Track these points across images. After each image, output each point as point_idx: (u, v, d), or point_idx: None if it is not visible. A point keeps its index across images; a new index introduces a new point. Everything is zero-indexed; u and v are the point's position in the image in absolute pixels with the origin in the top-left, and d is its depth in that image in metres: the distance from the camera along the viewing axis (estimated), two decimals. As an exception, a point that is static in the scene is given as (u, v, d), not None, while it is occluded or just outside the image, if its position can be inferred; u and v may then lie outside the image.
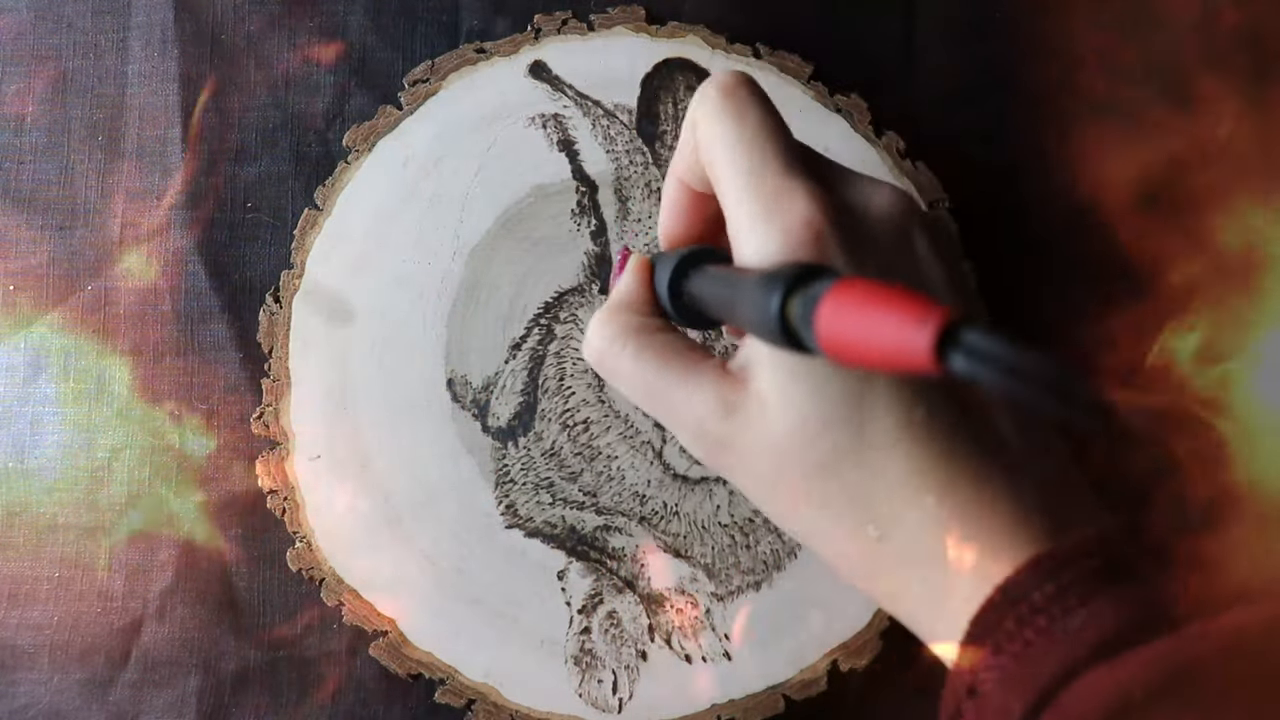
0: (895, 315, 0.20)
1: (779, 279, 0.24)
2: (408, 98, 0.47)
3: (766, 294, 0.24)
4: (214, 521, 0.46)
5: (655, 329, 0.32)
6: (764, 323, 0.24)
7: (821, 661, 0.44)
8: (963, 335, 0.19)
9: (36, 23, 0.48)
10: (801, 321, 0.23)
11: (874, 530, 0.28)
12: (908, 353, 0.19)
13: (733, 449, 0.29)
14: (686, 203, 0.33)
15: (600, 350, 0.32)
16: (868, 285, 0.21)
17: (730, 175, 0.29)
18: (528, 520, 0.45)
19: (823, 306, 0.22)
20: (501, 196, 0.47)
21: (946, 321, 0.19)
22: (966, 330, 0.19)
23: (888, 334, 0.20)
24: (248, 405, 0.46)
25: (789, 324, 0.24)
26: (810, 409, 0.27)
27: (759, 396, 0.28)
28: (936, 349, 0.19)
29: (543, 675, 0.45)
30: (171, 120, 0.47)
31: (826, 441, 0.28)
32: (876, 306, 0.20)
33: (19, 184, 0.48)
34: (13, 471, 0.46)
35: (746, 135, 0.29)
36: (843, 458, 0.28)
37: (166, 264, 0.47)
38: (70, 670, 0.45)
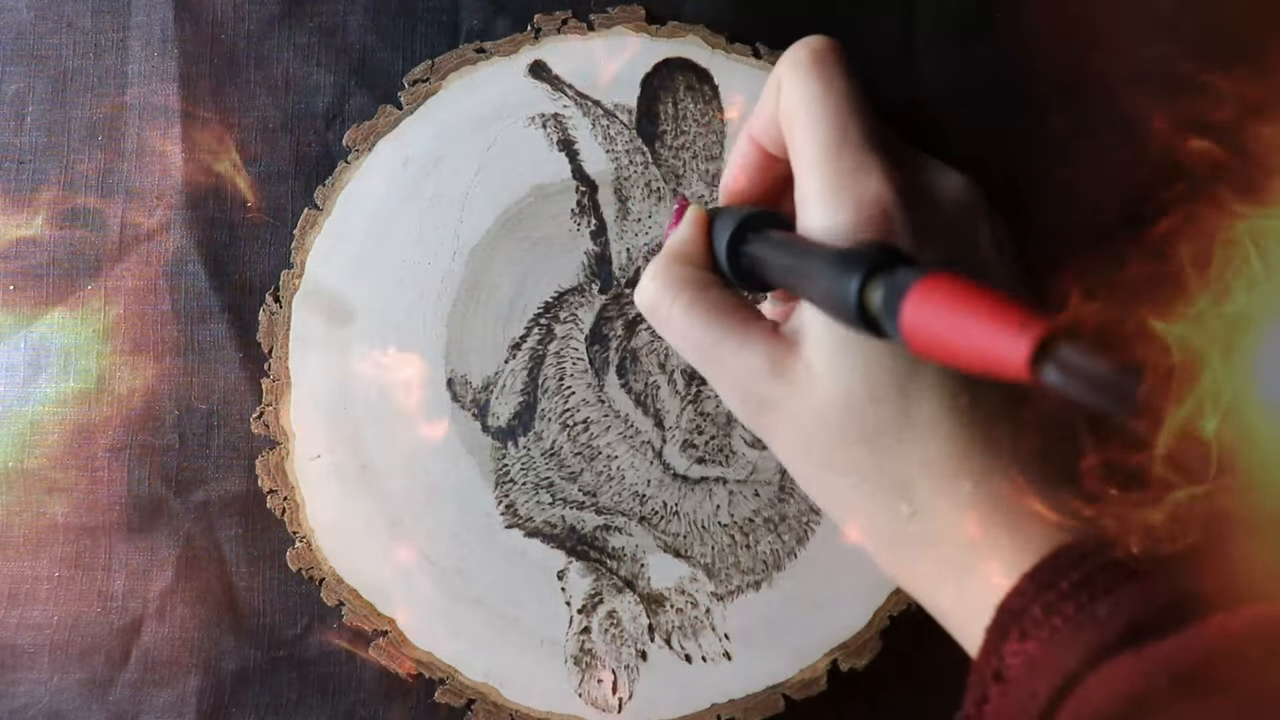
0: (992, 320, 0.20)
1: (860, 260, 0.24)
2: (408, 98, 0.47)
3: (845, 274, 0.24)
4: (214, 521, 0.46)
5: (709, 284, 0.31)
6: (839, 303, 0.24)
7: (821, 661, 0.44)
8: (1059, 348, 0.19)
9: (36, 23, 0.48)
10: (884, 308, 0.23)
11: (906, 509, 0.28)
12: (1001, 359, 0.19)
13: (776, 411, 0.29)
14: (756, 162, 0.33)
15: (653, 299, 0.32)
16: (961, 283, 0.21)
17: (808, 142, 0.29)
18: (528, 520, 0.45)
19: (910, 299, 0.22)
20: (501, 196, 0.47)
21: (1046, 333, 0.19)
22: (1063, 344, 0.19)
23: (982, 337, 0.20)
24: (248, 405, 0.46)
25: (866, 308, 0.24)
26: (857, 382, 0.28)
27: (807, 363, 0.28)
28: (1033, 359, 0.19)
29: (543, 675, 0.45)
30: (171, 120, 0.47)
31: (870, 416, 0.28)
32: (971, 308, 0.20)
33: (19, 184, 0.48)
34: (13, 471, 0.46)
35: (831, 104, 0.29)
36: (884, 434, 0.28)
37: (166, 264, 0.47)
38: (70, 670, 0.45)
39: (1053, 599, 0.26)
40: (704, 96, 0.47)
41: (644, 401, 0.46)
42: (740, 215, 0.32)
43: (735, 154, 0.34)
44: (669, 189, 0.47)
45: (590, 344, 0.46)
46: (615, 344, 0.46)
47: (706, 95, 0.47)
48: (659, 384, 0.46)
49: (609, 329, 0.46)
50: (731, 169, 0.34)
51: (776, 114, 0.30)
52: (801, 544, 0.45)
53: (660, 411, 0.46)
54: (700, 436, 0.45)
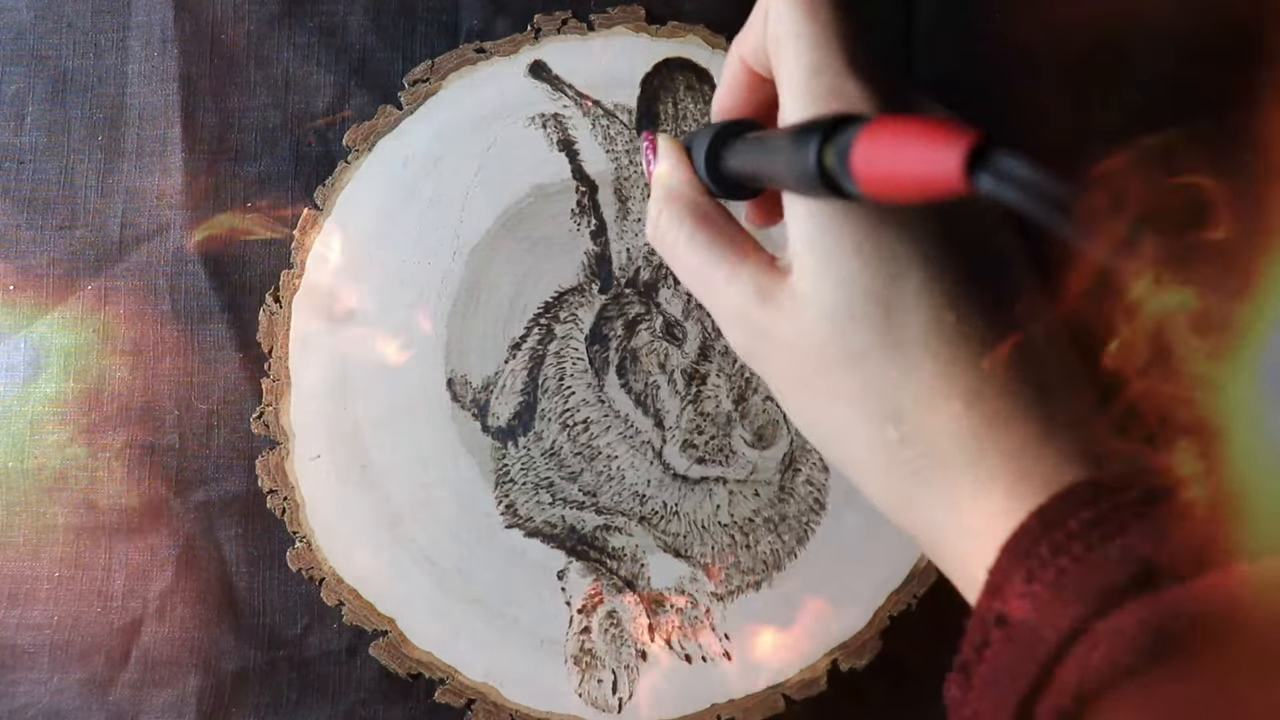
0: (926, 141, 0.20)
1: (816, 127, 0.24)
2: (408, 98, 0.47)
3: (804, 142, 0.24)
4: (214, 521, 0.46)
5: (709, 214, 0.32)
6: (801, 172, 0.25)
7: (821, 661, 0.44)
8: (992, 157, 0.19)
9: (36, 23, 0.48)
10: (839, 163, 0.23)
11: (894, 432, 0.27)
12: (940, 175, 0.19)
13: (766, 337, 0.29)
14: (744, 82, 0.33)
15: (662, 231, 0.32)
16: (899, 119, 0.21)
17: (792, 67, 0.28)
18: (528, 520, 0.45)
19: (857, 145, 0.22)
20: (501, 196, 0.47)
21: (976, 142, 0.19)
22: (996, 152, 0.19)
23: (920, 160, 0.20)
24: (248, 405, 0.46)
25: (826, 171, 0.24)
26: (839, 301, 0.27)
27: (793, 288, 0.28)
28: (967, 169, 0.19)
29: (542, 675, 0.45)
30: (171, 120, 0.47)
31: (852, 335, 0.27)
32: (908, 136, 0.21)
33: (19, 184, 0.48)
34: (13, 471, 0.46)
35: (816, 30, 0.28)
36: (868, 354, 0.27)
37: (166, 264, 0.47)
38: (70, 670, 0.45)
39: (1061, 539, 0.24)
40: (704, 96, 0.47)
41: (644, 401, 0.46)
42: (716, 127, 0.33)
43: (725, 73, 0.34)
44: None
45: (590, 344, 0.46)
46: (615, 344, 0.46)
47: (706, 95, 0.47)
48: (659, 384, 0.46)
49: (609, 329, 0.46)
50: (720, 90, 0.34)
51: (764, 36, 0.30)
52: (801, 544, 0.45)
53: (660, 411, 0.46)
54: (700, 436, 0.45)
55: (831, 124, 0.24)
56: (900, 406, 0.27)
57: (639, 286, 0.46)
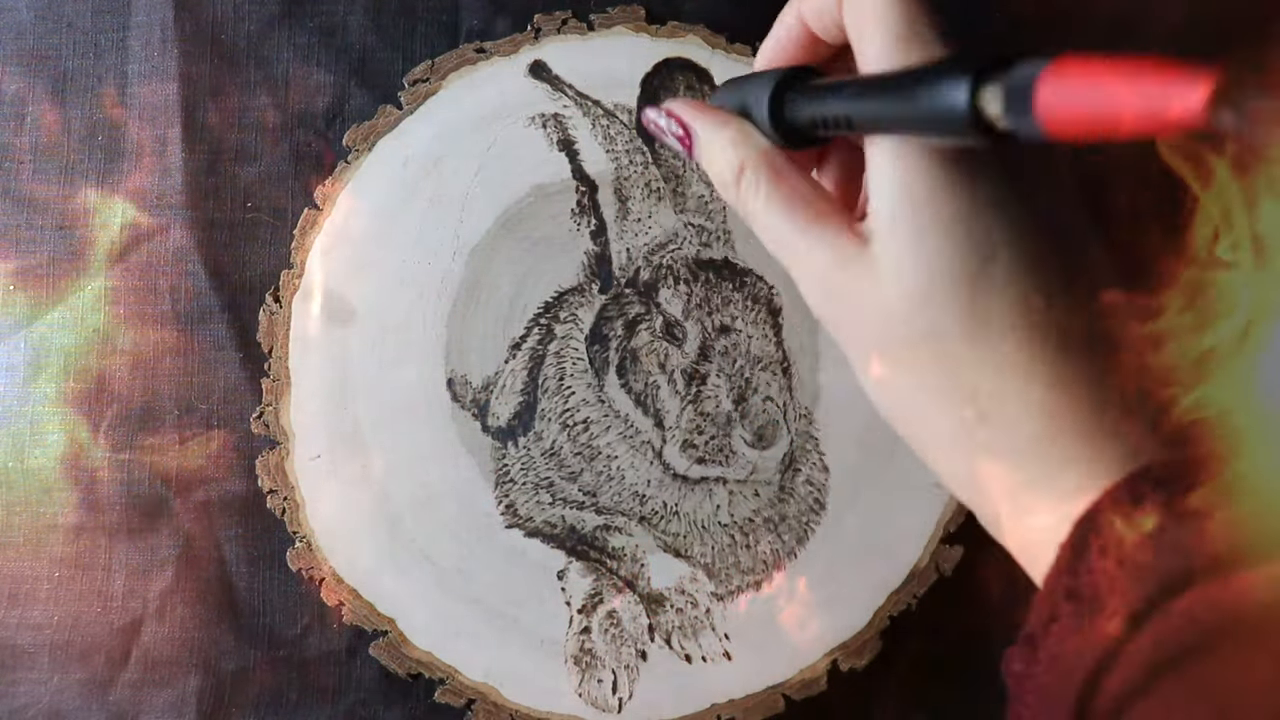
0: (1153, 78, 0.20)
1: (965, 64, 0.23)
2: (408, 98, 0.47)
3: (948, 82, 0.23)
4: (214, 521, 0.46)
5: (785, 170, 0.31)
6: (942, 112, 0.24)
7: (821, 661, 0.44)
8: (1234, 92, 0.19)
9: (36, 23, 0.48)
10: (1009, 105, 0.22)
11: (972, 413, 0.27)
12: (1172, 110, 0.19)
13: (844, 302, 0.29)
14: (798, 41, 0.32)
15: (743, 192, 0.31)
16: (1099, 59, 0.21)
17: (877, 35, 0.27)
18: (527, 520, 0.45)
19: (1045, 82, 0.21)
20: (501, 196, 0.47)
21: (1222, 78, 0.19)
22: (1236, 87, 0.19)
23: (1145, 96, 0.20)
24: (248, 405, 0.46)
25: (981, 114, 0.23)
26: (925, 277, 0.27)
27: (875, 257, 0.28)
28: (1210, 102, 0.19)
29: (542, 675, 0.44)
30: (171, 120, 0.47)
31: (937, 312, 0.27)
32: (1123, 74, 0.20)
33: (19, 184, 0.48)
34: (13, 471, 0.46)
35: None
36: (950, 332, 0.27)
37: (166, 264, 0.47)
38: (70, 670, 0.45)
39: (1136, 517, 0.25)
40: (704, 96, 0.47)
41: (644, 401, 0.46)
42: (776, 74, 0.31)
43: (779, 29, 0.32)
44: (669, 189, 0.47)
45: (590, 344, 0.46)
46: (615, 344, 0.46)
47: (706, 95, 0.47)
48: (659, 384, 0.46)
49: (609, 329, 0.46)
50: (770, 44, 0.33)
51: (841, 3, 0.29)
52: (801, 544, 0.45)
53: (660, 411, 0.46)
54: (700, 436, 0.45)
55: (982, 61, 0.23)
56: (979, 387, 0.27)
57: (639, 286, 0.46)
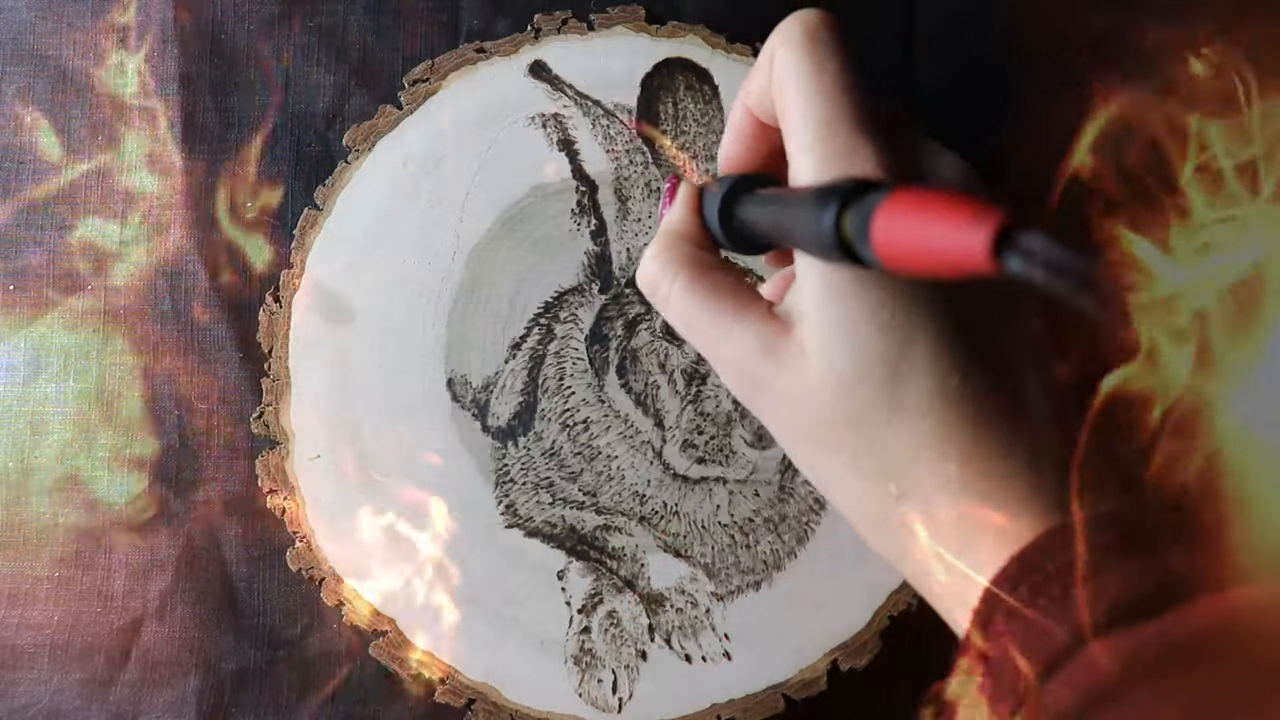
0: (952, 218, 0.20)
1: (834, 193, 0.24)
2: (408, 98, 0.47)
3: (821, 208, 0.24)
4: (214, 521, 0.46)
5: (707, 264, 0.32)
6: (818, 237, 0.25)
7: (821, 661, 0.44)
8: (1018, 237, 0.19)
9: (36, 23, 0.48)
10: (857, 232, 0.23)
11: (895, 489, 0.28)
12: (965, 254, 0.20)
13: (769, 391, 0.30)
14: (751, 132, 0.33)
15: (653, 279, 0.32)
16: (923, 191, 0.21)
17: (801, 122, 0.29)
18: (527, 520, 0.45)
19: (878, 215, 0.22)
20: (501, 196, 0.47)
21: (1003, 223, 0.19)
22: (1022, 232, 0.19)
23: (945, 237, 0.20)
24: (248, 405, 0.46)
25: (844, 237, 0.24)
26: (847, 363, 0.28)
27: (799, 344, 0.29)
28: (994, 249, 0.19)
29: (542, 675, 0.45)
30: (172, 120, 0.47)
31: (859, 397, 0.28)
32: (932, 211, 0.21)
33: (19, 184, 0.48)
34: (13, 471, 0.46)
35: (825, 84, 0.29)
36: (873, 415, 0.28)
37: (166, 264, 0.47)
38: (70, 670, 0.45)
39: (1039, 581, 0.26)
40: (704, 96, 0.47)
41: (644, 401, 0.46)
42: (730, 180, 0.33)
43: (730, 124, 0.34)
44: (669, 189, 0.47)
45: (590, 344, 0.46)
46: (615, 344, 0.46)
47: (706, 95, 0.47)
48: (659, 384, 0.46)
49: (609, 329, 0.46)
50: (727, 139, 0.34)
51: (769, 87, 0.30)
52: (801, 544, 0.45)
53: (660, 411, 0.46)
54: (700, 436, 0.45)
55: (850, 190, 0.24)
56: (899, 465, 0.28)
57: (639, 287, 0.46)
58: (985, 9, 0.49)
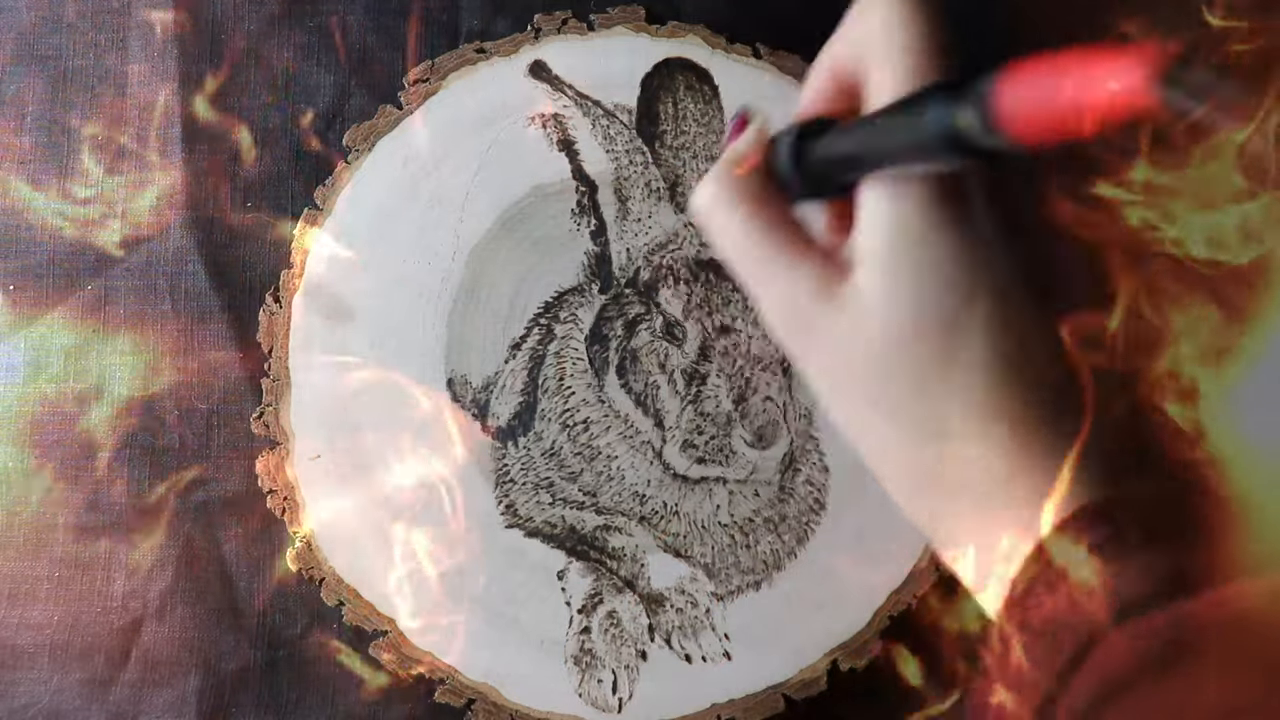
0: (1094, 67, 0.20)
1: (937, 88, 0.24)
2: (408, 98, 0.47)
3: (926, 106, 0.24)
4: (214, 521, 0.46)
5: (770, 198, 0.31)
6: (925, 138, 0.24)
7: (821, 661, 0.44)
8: (1176, 68, 0.19)
9: (36, 23, 0.48)
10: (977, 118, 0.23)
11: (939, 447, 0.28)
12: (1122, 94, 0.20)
13: (818, 333, 0.29)
14: (830, 94, 0.32)
15: (711, 205, 0.31)
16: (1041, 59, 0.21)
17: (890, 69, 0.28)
18: (527, 520, 0.45)
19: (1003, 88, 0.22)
20: (501, 196, 0.47)
21: (1165, 54, 0.19)
22: (1178, 64, 0.19)
23: (1094, 85, 0.20)
24: (248, 405, 0.46)
25: (960, 134, 0.23)
26: (907, 315, 0.27)
27: (858, 290, 0.28)
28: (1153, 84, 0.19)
29: (542, 675, 0.45)
30: (171, 120, 0.47)
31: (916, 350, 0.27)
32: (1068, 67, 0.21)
33: (19, 184, 0.48)
34: (13, 471, 0.46)
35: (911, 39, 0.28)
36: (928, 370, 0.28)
37: (166, 264, 0.47)
38: (70, 670, 0.45)
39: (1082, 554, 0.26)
40: (704, 96, 0.47)
41: (644, 401, 0.46)
42: (802, 122, 0.32)
43: (809, 87, 0.33)
44: (669, 189, 0.47)
45: (590, 344, 0.46)
46: (615, 344, 0.46)
47: (706, 95, 0.47)
48: (659, 384, 0.46)
49: (609, 329, 0.46)
50: (804, 99, 0.33)
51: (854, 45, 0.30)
52: (801, 544, 0.45)
53: (660, 411, 0.46)
54: (700, 436, 0.45)
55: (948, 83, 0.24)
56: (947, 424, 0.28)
57: (639, 286, 0.46)
58: (985, 7, 0.49)
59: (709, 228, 0.32)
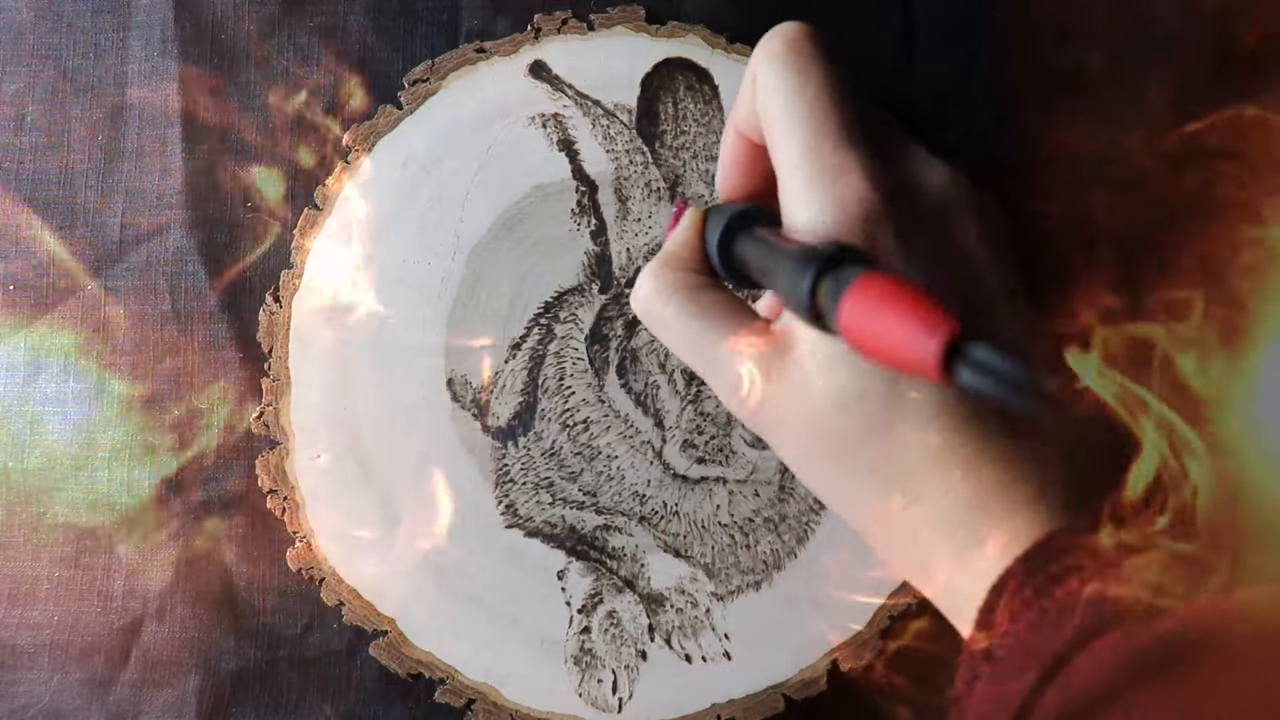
0: (909, 319, 0.20)
1: (814, 259, 0.24)
2: (408, 98, 0.47)
3: (801, 272, 0.25)
4: (214, 521, 0.46)
5: (702, 285, 0.32)
6: (795, 299, 0.25)
7: (821, 661, 0.44)
8: (967, 349, 0.20)
9: (36, 23, 0.48)
10: (828, 306, 0.23)
11: (901, 500, 0.29)
12: (918, 360, 0.20)
13: (771, 410, 0.30)
14: (744, 155, 0.33)
15: (647, 300, 0.32)
16: (888, 283, 0.22)
17: (786, 139, 0.29)
18: (527, 520, 0.45)
19: (846, 297, 0.22)
20: (501, 196, 0.47)
21: (953, 336, 0.20)
22: (971, 345, 0.20)
23: (900, 337, 0.21)
24: (248, 405, 0.46)
25: (818, 305, 0.24)
26: (848, 380, 0.28)
27: (800, 363, 0.29)
28: (943, 360, 0.20)
29: (542, 675, 0.45)
30: (171, 120, 0.47)
31: (862, 412, 0.28)
32: (893, 306, 0.21)
33: (19, 184, 0.48)
34: (13, 471, 0.46)
35: (807, 98, 0.28)
36: (876, 429, 0.28)
37: (166, 264, 0.47)
38: (70, 670, 0.45)
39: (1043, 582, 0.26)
40: (704, 96, 0.47)
41: (644, 401, 0.46)
42: (729, 213, 0.32)
43: (723, 149, 0.34)
44: (669, 189, 0.47)
45: (590, 344, 0.46)
46: (615, 344, 0.46)
47: (706, 95, 0.47)
48: (659, 384, 0.46)
49: (609, 329, 0.46)
50: (722, 165, 0.34)
51: (755, 106, 0.30)
52: (801, 544, 0.45)
53: (660, 411, 0.46)
54: (700, 436, 0.45)
55: (830, 256, 0.24)
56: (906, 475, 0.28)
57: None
58: (986, 7, 0.49)
59: (647, 322, 0.33)
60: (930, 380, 0.20)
